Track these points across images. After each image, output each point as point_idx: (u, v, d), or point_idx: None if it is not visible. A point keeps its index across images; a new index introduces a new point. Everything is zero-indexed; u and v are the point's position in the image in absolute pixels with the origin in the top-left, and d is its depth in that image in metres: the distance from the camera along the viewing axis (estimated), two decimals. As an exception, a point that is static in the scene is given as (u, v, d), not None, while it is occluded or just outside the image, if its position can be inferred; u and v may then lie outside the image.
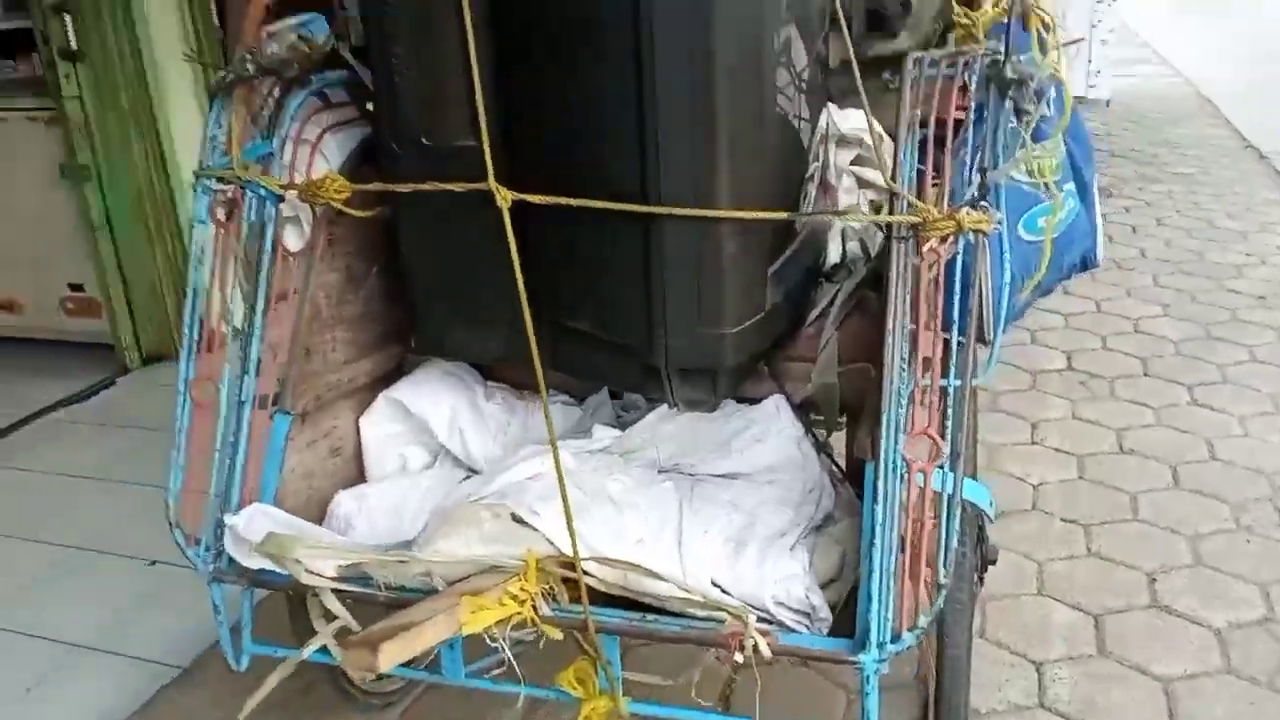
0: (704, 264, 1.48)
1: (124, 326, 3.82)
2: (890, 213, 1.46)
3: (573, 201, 1.47)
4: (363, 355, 1.85)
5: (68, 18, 3.42)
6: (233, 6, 1.94)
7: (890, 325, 1.43)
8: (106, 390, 3.80)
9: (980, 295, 1.50)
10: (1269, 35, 11.81)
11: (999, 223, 1.42)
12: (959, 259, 1.41)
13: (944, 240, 1.40)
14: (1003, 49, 1.50)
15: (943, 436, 1.36)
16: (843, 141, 2.04)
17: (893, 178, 1.46)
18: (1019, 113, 1.42)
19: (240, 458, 1.62)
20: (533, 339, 1.43)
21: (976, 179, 1.40)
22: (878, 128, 1.65)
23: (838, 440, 1.88)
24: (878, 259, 1.78)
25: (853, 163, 2.05)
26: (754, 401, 1.82)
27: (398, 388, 1.85)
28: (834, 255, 2.03)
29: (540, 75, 1.51)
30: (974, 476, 1.89)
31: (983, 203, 1.40)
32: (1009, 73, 1.42)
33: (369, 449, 1.87)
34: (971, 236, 1.40)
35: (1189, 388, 3.67)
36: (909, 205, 1.42)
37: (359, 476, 1.88)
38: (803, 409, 1.83)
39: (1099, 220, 1.92)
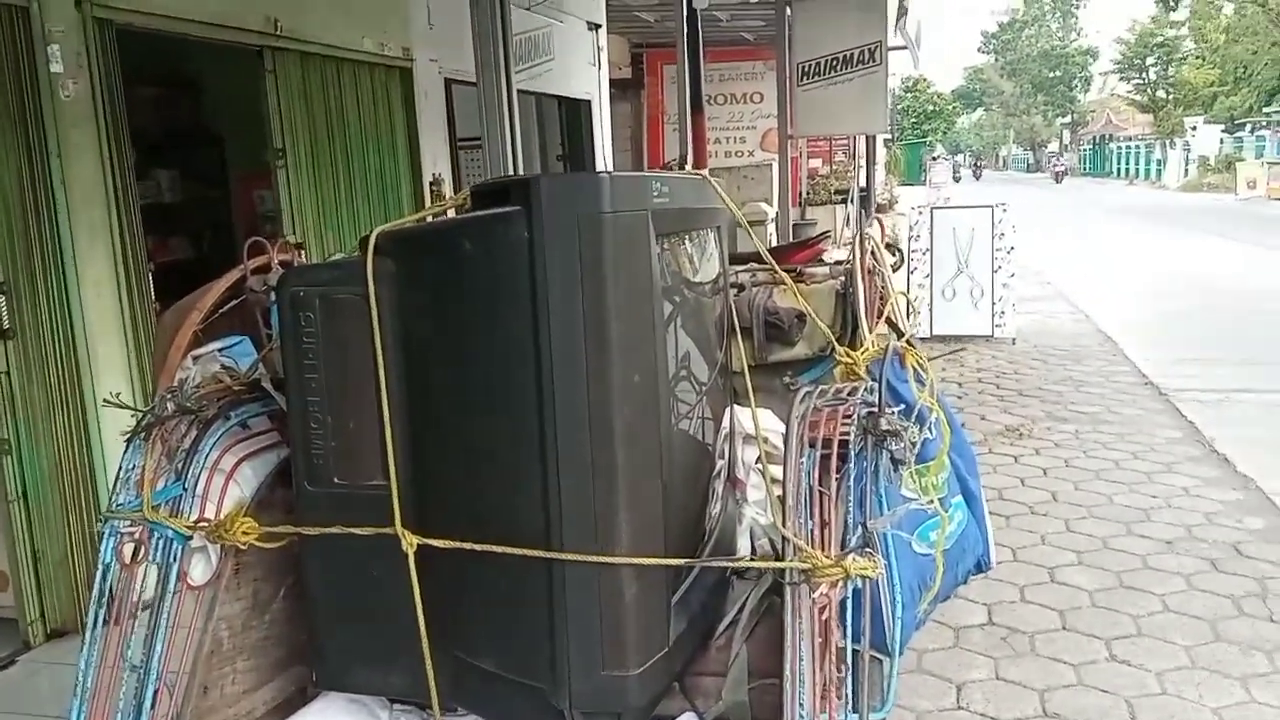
0: (605, 607, 1.51)
1: (30, 601, 3.67)
2: (781, 558, 1.53)
3: (476, 546, 1.52)
4: (263, 682, 1.82)
5: (1, 299, 3.45)
6: (161, 328, 2.01)
7: (788, 669, 1.48)
8: (6, 670, 3.62)
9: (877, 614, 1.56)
10: (1161, 275, 12.73)
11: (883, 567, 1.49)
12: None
13: (834, 585, 1.47)
14: (881, 393, 1.63)
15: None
16: (748, 438, 2.15)
17: (784, 521, 1.54)
18: (894, 462, 1.52)
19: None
20: (433, 685, 1.44)
21: (859, 529, 1.48)
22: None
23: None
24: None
25: (758, 460, 2.15)
26: (666, 720, 1.82)
27: (298, 718, 1.81)
28: (744, 553, 2.10)
29: (449, 425, 1.58)
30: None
31: (867, 549, 1.48)
32: (883, 424, 1.54)
33: (268, 785, 1.81)
34: (859, 581, 1.47)
35: (1106, 642, 3.73)
36: (799, 551, 1.49)
37: (258, 813, 1.80)
38: (715, 726, 1.83)
39: (989, 527, 2.01)
